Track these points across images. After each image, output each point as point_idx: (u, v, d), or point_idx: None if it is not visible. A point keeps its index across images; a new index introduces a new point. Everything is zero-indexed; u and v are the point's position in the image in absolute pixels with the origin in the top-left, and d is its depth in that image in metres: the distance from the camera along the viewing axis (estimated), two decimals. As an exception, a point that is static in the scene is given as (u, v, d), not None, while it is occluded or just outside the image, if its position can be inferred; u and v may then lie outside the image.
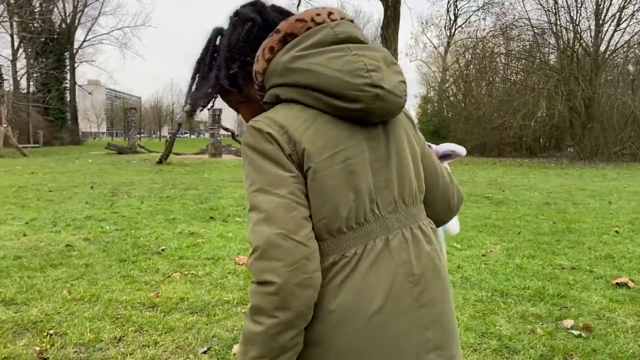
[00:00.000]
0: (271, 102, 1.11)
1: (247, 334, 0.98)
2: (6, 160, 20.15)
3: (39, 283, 4.14)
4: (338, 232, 1.04)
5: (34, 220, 6.92)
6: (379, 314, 1.02)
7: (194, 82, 1.22)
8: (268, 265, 0.95)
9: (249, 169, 1.03)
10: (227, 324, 3.36)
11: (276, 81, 1.08)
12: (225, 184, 12.01)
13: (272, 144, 1.03)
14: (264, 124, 1.05)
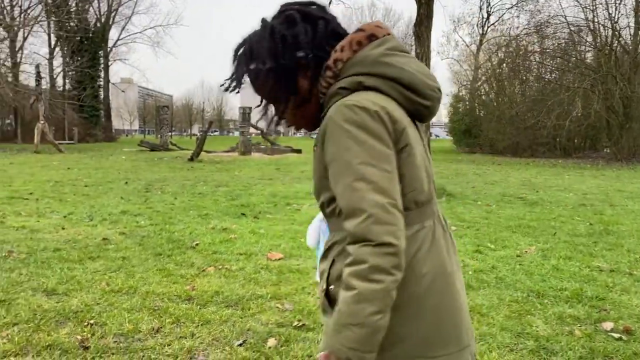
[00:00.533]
0: (350, 88, 1.20)
1: (366, 292, 1.05)
2: (43, 156, 20.73)
3: (79, 274, 4.25)
4: (421, 204, 1.22)
5: (71, 214, 7.11)
6: (451, 276, 1.24)
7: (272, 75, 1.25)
8: (388, 229, 1.06)
9: (350, 143, 1.11)
10: (262, 318, 3.39)
11: (362, 70, 1.20)
12: (255, 182, 12.11)
13: (377, 122, 1.13)
14: (368, 102, 1.15)
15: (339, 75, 1.22)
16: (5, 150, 24.41)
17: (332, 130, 1.14)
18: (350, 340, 1.06)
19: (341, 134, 1.12)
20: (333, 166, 1.14)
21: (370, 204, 1.07)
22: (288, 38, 1.23)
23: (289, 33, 1.24)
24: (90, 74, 40.62)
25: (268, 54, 1.22)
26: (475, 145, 31.50)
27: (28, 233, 5.86)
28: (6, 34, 32.73)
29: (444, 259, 1.23)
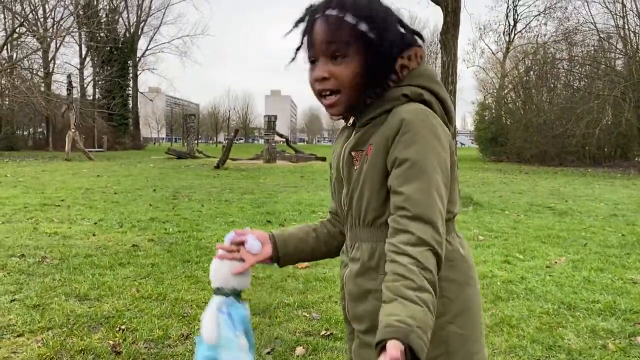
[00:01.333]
0: (411, 97, 1.21)
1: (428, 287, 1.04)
2: (74, 164, 21.20)
3: (109, 280, 4.33)
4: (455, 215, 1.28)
5: (101, 221, 7.26)
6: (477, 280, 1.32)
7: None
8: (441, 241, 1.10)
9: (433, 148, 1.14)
10: (289, 326, 3.41)
11: (424, 84, 1.23)
12: (281, 189, 12.18)
13: (446, 137, 1.18)
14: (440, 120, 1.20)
15: (400, 81, 1.23)
16: (37, 158, 25.05)
17: (410, 130, 1.14)
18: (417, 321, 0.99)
19: (426, 136, 1.14)
20: (411, 165, 1.12)
21: (437, 215, 1.10)
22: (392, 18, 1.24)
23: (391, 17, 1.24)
24: (119, 83, 41.51)
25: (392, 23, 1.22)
26: (502, 153, 31.10)
27: (60, 239, 6.00)
28: (39, 45, 33.69)
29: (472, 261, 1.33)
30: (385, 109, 1.21)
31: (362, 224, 1.25)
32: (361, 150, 1.23)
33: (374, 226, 1.23)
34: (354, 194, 1.24)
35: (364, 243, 1.26)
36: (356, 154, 1.24)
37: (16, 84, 29.60)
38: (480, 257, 5.42)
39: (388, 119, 1.20)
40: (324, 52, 1.19)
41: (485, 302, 3.98)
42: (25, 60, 32.97)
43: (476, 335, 1.27)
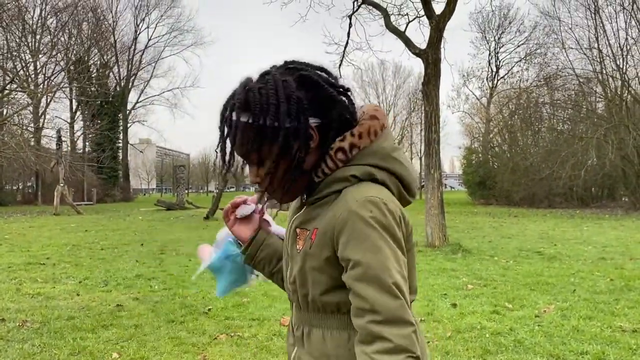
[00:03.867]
0: (361, 177, 1.15)
1: None
2: (62, 218, 21.01)
3: (91, 345, 4.23)
4: (411, 302, 1.16)
5: (86, 279, 7.14)
6: None
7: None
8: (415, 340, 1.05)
9: (381, 244, 1.07)
10: (273, 390, 3.33)
11: (375, 162, 1.16)
12: (270, 240, 12.09)
13: (399, 227, 1.12)
14: (392, 204, 1.12)
15: (349, 160, 1.17)
16: (26, 214, 24.82)
17: (358, 224, 1.08)
18: None
19: (371, 232, 1.07)
20: (359, 266, 1.07)
21: (408, 314, 1.06)
22: (303, 100, 1.14)
23: (304, 95, 1.14)
24: (109, 136, 41.73)
25: (285, 114, 1.11)
26: (491, 196, 31.33)
27: (43, 300, 5.88)
28: (30, 101, 34.00)
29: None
30: (334, 190, 1.16)
31: (308, 308, 1.21)
32: (306, 229, 1.18)
33: (323, 312, 1.18)
34: (297, 276, 1.19)
35: (314, 328, 1.21)
36: (300, 232, 1.20)
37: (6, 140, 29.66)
38: (469, 308, 5.38)
39: (336, 201, 1.14)
40: (244, 158, 1.19)
41: (473, 356, 3.93)
42: (15, 116, 33.18)
43: None
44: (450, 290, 6.27)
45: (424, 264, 8.33)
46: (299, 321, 1.25)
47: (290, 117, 1.11)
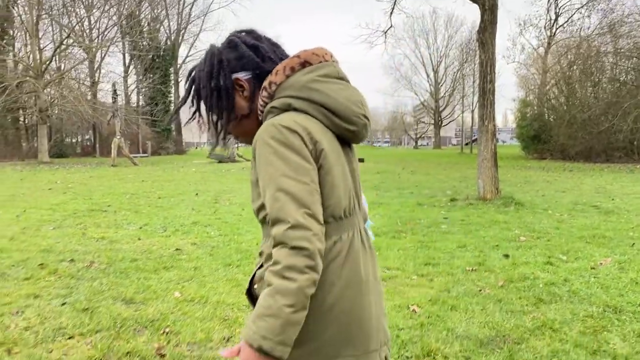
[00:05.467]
0: (281, 108, 1.35)
1: (280, 288, 1.17)
2: (119, 169, 21.88)
3: (154, 284, 4.48)
4: (338, 218, 1.33)
5: (146, 225, 7.48)
6: (366, 285, 1.36)
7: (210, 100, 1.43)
8: (302, 234, 1.18)
9: (273, 158, 1.25)
10: (328, 330, 3.45)
11: (292, 93, 1.35)
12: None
13: (298, 140, 1.27)
14: (292, 122, 1.28)
15: (273, 96, 1.37)
16: (85, 165, 25.96)
17: (260, 146, 1.28)
18: (263, 329, 1.16)
19: (266, 150, 1.26)
20: (260, 179, 1.27)
21: (288, 213, 1.20)
22: (225, 61, 1.41)
23: (229, 57, 1.42)
24: (161, 90, 42.50)
25: (207, 76, 1.41)
26: (545, 151, 30.31)
27: (107, 244, 6.23)
28: (85, 55, 34.92)
29: (359, 269, 1.35)
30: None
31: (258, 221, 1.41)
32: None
33: (263, 223, 1.37)
34: (251, 198, 1.40)
35: (263, 237, 1.41)
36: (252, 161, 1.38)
37: (64, 94, 30.77)
38: (522, 259, 5.33)
39: None
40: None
41: (526, 304, 3.92)
42: (72, 71, 34.23)
43: (328, 338, 1.30)
44: (502, 242, 6.22)
45: (475, 216, 8.26)
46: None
47: (214, 78, 1.40)
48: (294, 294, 1.16)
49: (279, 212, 1.21)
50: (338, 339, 1.31)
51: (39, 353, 3.07)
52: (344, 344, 1.32)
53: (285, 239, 1.18)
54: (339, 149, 1.37)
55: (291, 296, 1.15)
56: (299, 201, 1.20)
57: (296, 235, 1.17)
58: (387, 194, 11.81)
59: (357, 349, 1.33)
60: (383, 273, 4.84)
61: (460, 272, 4.86)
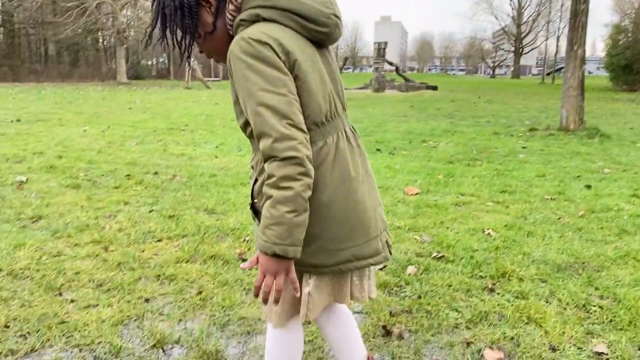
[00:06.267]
0: (249, 20, 1.33)
1: (279, 198, 1.24)
2: (193, 92, 22.44)
3: (233, 197, 4.67)
4: (320, 124, 1.37)
5: (222, 145, 7.73)
6: (355, 181, 1.43)
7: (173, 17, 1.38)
8: (288, 145, 1.23)
9: (248, 73, 1.25)
10: (401, 247, 3.50)
11: (259, 3, 1.33)
12: (390, 119, 12.07)
13: (271, 52, 1.26)
14: (262, 35, 1.26)
15: (240, 8, 1.35)
16: (161, 87, 26.80)
17: (233, 62, 1.27)
18: (272, 237, 1.26)
19: (240, 65, 1.26)
20: (240, 95, 1.28)
21: (271, 126, 1.23)
22: None
23: None
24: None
25: None
26: (637, 82, 28.06)
27: (187, 160, 6.51)
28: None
29: (347, 168, 1.41)
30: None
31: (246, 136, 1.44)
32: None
33: (251, 138, 1.41)
34: (235, 114, 1.43)
35: (253, 152, 1.47)
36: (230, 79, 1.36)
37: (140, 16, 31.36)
38: (605, 190, 5.10)
39: None
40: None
41: (608, 234, 3.79)
42: (147, -7, 34.62)
43: (331, 235, 1.40)
44: (585, 173, 5.95)
45: (556, 147, 7.90)
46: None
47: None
48: (293, 200, 1.24)
49: (262, 126, 1.25)
50: (339, 234, 1.41)
51: (132, 252, 3.33)
52: (345, 238, 1.42)
53: (274, 152, 1.23)
54: (314, 55, 1.37)
55: (290, 203, 1.24)
56: (280, 113, 1.24)
57: (283, 147, 1.23)
58: (461, 122, 11.48)
59: (359, 239, 1.44)
60: (457, 199, 4.80)
61: (538, 201, 4.73)
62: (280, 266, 1.30)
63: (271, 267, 1.29)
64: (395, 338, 2.36)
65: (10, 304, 2.61)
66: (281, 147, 1.23)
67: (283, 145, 1.23)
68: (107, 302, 2.65)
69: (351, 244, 1.43)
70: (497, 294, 2.80)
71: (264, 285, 1.31)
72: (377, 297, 2.75)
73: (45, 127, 9.47)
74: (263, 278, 1.31)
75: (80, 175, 5.52)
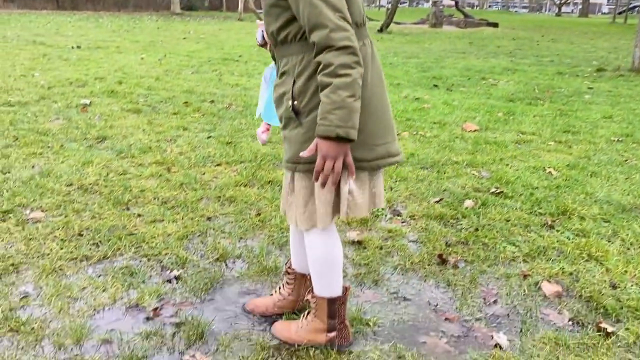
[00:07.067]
0: None
1: (339, 84, 1.33)
2: (245, 24, 22.22)
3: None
4: (360, 25, 1.51)
5: (276, 76, 7.68)
6: (384, 84, 1.59)
7: None
8: (344, 35, 1.33)
9: None
10: (458, 181, 3.46)
11: None
12: (447, 55, 11.66)
13: None
14: None
15: None
16: (214, 18, 26.63)
17: None
18: (336, 120, 1.34)
19: None
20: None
21: (327, 18, 1.33)
22: None
23: None
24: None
25: None
26: None
27: (241, 90, 6.53)
28: None
29: (380, 71, 1.57)
30: None
31: (276, 43, 1.55)
32: None
33: (284, 44, 1.51)
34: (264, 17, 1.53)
35: (283, 58, 1.55)
36: None
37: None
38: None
39: None
40: None
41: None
42: None
43: (370, 130, 1.51)
44: (656, 116, 5.62)
45: (625, 88, 7.47)
46: (278, 57, 1.58)
47: None
48: (352, 86, 1.33)
49: (318, 18, 1.33)
50: (375, 130, 1.53)
51: (193, 174, 3.43)
52: (381, 134, 1.55)
53: (330, 42, 1.33)
54: None
55: (350, 88, 1.33)
56: (334, 6, 1.33)
57: (339, 37, 1.32)
58: (523, 61, 10.95)
59: (389, 137, 1.58)
60: (517, 137, 4.65)
61: (604, 142, 4.53)
62: (340, 149, 1.39)
63: (331, 151, 1.38)
64: (451, 267, 2.38)
65: (82, 215, 2.77)
66: (337, 37, 1.32)
67: (339, 35, 1.32)
68: (172, 218, 2.77)
69: (384, 140, 1.56)
70: (556, 231, 2.75)
71: (325, 169, 1.39)
72: (432, 227, 2.76)
73: (105, 54, 9.66)
74: (323, 163, 1.39)
75: (140, 100, 5.65)
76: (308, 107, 1.48)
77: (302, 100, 1.48)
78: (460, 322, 1.97)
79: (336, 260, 1.70)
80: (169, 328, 1.87)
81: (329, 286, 1.72)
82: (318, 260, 1.69)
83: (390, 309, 2.05)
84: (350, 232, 2.67)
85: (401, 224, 2.82)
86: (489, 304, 2.10)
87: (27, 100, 5.40)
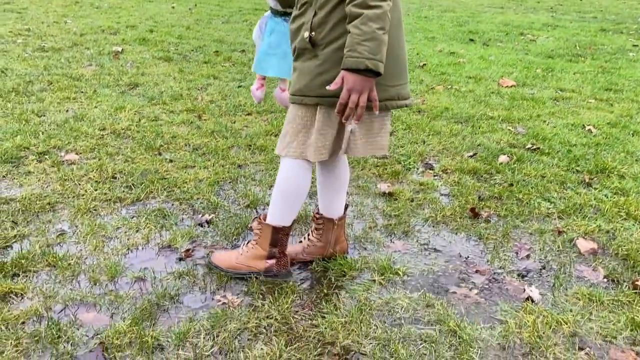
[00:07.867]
0: None
1: (370, 15, 1.35)
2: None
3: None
4: None
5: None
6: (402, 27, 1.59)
7: None
8: None
9: None
10: (493, 137, 3.37)
11: None
12: (484, 9, 11.22)
13: None
14: None
15: None
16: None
17: None
18: (365, 52, 1.35)
19: None
20: None
21: None
22: None
23: None
24: None
25: None
26: None
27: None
28: None
29: (400, 13, 1.55)
30: None
31: None
32: None
33: None
34: None
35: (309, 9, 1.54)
36: None
37: None
38: None
39: None
40: None
41: None
42: None
43: (389, 71, 1.51)
44: None
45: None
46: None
47: None
48: (382, 18, 1.36)
49: None
50: (390, 71, 1.52)
51: (224, 122, 3.42)
52: (395, 76, 1.55)
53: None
54: None
55: (380, 20, 1.35)
56: None
57: None
58: (564, 16, 10.48)
59: (401, 79, 1.59)
60: (555, 94, 4.49)
61: (648, 101, 4.35)
62: (366, 83, 1.39)
63: (357, 84, 1.38)
64: (483, 221, 2.34)
65: (116, 159, 2.80)
66: None
67: None
68: (203, 164, 2.78)
69: (397, 82, 1.57)
70: (594, 189, 2.67)
71: (350, 102, 1.40)
72: (465, 182, 2.71)
73: (136, 2, 9.58)
74: (348, 96, 1.40)
75: (171, 49, 5.62)
76: (327, 40, 1.49)
77: (320, 32, 1.49)
78: (491, 274, 1.95)
79: (299, 194, 1.73)
80: (200, 269, 1.90)
81: (280, 214, 1.76)
82: (282, 187, 1.72)
83: (420, 259, 2.04)
84: (382, 183, 2.64)
85: (433, 177, 2.77)
86: (521, 258, 2.07)
87: (60, 47, 5.42)
